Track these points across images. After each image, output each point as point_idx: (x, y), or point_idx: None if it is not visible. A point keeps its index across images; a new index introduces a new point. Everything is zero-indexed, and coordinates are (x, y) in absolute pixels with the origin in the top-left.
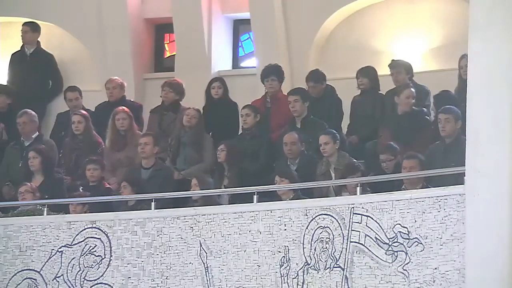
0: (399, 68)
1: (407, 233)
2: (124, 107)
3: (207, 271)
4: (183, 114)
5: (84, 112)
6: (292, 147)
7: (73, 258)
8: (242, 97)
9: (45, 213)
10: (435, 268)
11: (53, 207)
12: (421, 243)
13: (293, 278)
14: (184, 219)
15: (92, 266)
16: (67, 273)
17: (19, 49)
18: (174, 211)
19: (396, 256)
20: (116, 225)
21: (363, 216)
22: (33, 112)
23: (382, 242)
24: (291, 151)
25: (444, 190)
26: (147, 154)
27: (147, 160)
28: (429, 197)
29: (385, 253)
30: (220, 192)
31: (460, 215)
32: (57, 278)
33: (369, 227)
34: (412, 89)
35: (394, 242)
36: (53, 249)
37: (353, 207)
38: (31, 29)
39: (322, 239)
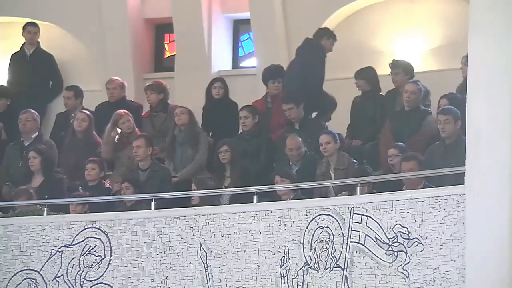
0: (397, 68)
1: (407, 233)
2: (124, 111)
3: (207, 271)
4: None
5: (88, 112)
6: (298, 152)
7: (73, 258)
8: (242, 97)
9: (45, 213)
10: (435, 268)
11: (53, 207)
12: (421, 243)
13: (293, 278)
14: (184, 219)
15: (92, 266)
16: (67, 273)
17: (19, 49)
18: (174, 211)
19: (396, 256)
20: (116, 225)
21: (363, 216)
22: (36, 112)
23: (382, 242)
24: (297, 155)
25: (444, 190)
26: (141, 157)
27: (143, 162)
28: (429, 197)
29: (385, 253)
30: (219, 192)
31: (460, 215)
32: (57, 278)
33: (369, 227)
34: (414, 85)
35: (394, 242)
36: (53, 249)
37: (353, 207)
38: (37, 29)
39: (322, 239)
